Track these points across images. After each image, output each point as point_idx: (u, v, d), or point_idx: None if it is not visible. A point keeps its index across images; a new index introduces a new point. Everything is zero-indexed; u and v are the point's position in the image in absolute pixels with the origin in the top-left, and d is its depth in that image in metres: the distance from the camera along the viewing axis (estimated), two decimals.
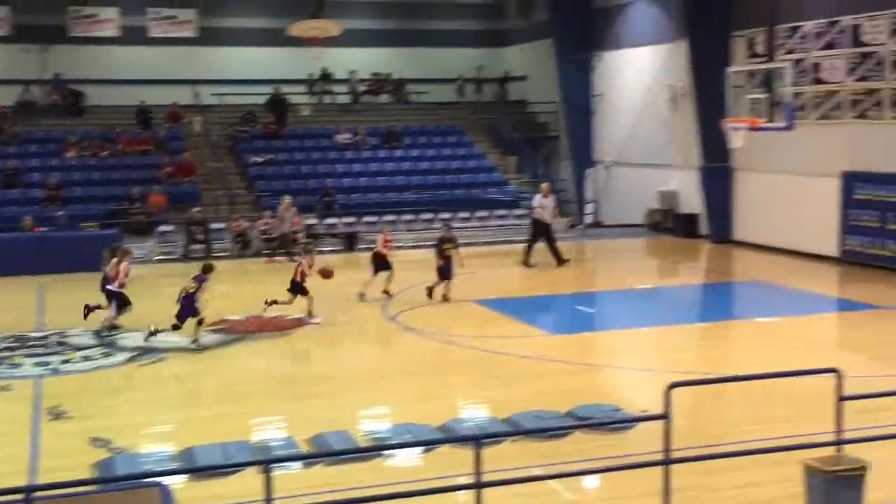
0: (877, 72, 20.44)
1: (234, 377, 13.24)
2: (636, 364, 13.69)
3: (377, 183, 28.83)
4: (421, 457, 9.76)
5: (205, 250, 24.38)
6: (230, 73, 33.12)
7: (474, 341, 14.92)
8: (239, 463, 9.20)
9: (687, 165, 26.25)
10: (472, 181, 29.46)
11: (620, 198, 29.41)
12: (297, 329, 16.02)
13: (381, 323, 16.36)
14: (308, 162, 29.58)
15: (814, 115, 22.10)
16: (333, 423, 10.80)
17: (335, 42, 30.69)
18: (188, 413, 11.64)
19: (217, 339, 15.30)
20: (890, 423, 9.75)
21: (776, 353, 13.86)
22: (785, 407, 11.03)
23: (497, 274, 22.03)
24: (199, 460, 9.63)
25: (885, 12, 20.09)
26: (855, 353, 14.21)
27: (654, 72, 27.66)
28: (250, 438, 10.44)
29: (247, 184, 28.64)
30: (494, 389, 12.37)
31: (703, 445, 9.29)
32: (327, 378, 13.23)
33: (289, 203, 24.51)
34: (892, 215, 20.09)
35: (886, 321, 16.16)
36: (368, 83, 33.89)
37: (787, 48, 22.52)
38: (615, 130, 29.97)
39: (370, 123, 31.63)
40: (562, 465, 9.16)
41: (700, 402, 11.26)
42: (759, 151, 23.54)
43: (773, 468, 8.72)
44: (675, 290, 20.36)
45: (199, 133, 30.40)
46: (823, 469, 7.01)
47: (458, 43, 35.94)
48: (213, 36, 32.39)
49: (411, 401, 11.96)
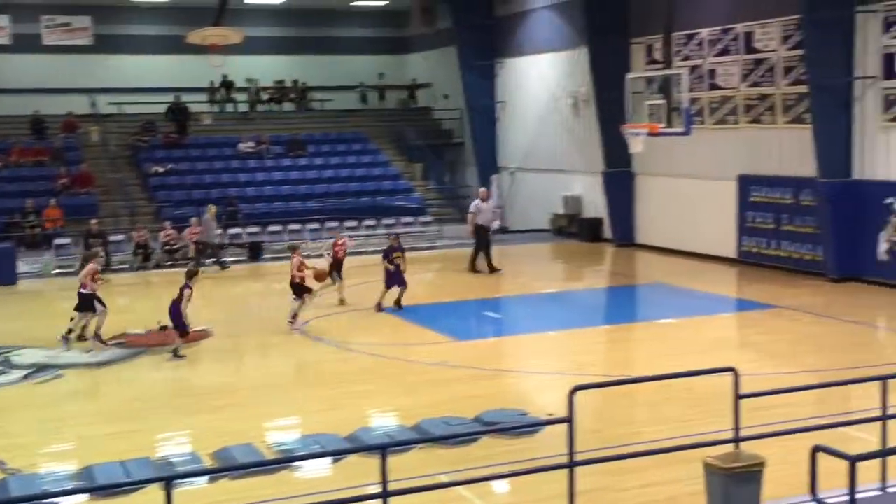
0: (769, 78, 21.07)
1: (134, 392, 12.93)
2: (542, 368, 13.81)
3: (281, 192, 28.54)
4: (329, 467, 9.67)
5: (104, 263, 23.77)
6: (128, 81, 32.44)
7: (382, 349, 14.87)
8: (140, 480, 8.95)
9: (590, 170, 26.66)
10: (378, 189, 29.39)
11: (526, 203, 29.70)
12: (200, 341, 15.73)
13: (288, 333, 16.18)
14: (211, 171, 29.12)
15: (710, 120, 22.68)
16: (239, 436, 10.63)
17: (237, 49, 30.30)
18: (87, 431, 11.30)
19: (117, 353, 14.93)
20: (785, 420, 10.05)
21: (678, 354, 14.15)
22: (686, 406, 11.26)
23: None
24: (99, 479, 9.37)
25: (775, 20, 20.73)
26: (752, 352, 14.59)
27: (557, 78, 28.03)
28: (152, 455, 10.20)
29: (147, 194, 28.05)
30: (402, 397, 12.34)
31: (607, 447, 9.42)
32: (232, 390, 13.01)
33: (215, 212, 24.26)
34: (786, 217, 20.73)
35: (781, 320, 16.64)
36: (271, 91, 33.56)
37: (684, 55, 23.06)
38: (519, 136, 30.27)
39: (273, 131, 31.31)
40: (470, 471, 9.17)
41: (604, 404, 11.41)
42: (658, 156, 24.05)
43: (676, 467, 8.89)
44: (580, 293, 20.63)
45: (97, 143, 29.66)
46: (722, 466, 7.15)
47: (362, 50, 35.87)
48: (110, 43, 31.66)
49: (318, 411, 11.85)
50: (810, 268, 20.12)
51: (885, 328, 16.07)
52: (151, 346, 15.37)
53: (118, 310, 19.90)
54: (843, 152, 19.23)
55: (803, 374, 12.74)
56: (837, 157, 19.22)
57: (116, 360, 14.59)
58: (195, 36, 28.39)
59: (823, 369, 12.86)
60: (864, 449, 7.87)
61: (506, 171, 30.83)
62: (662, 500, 8.58)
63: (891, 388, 8.33)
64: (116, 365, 14.36)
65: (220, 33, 28.44)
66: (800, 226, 20.41)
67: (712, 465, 7.22)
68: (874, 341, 15.29)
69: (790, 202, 20.62)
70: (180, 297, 14.65)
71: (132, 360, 14.64)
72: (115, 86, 32.08)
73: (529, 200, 29.56)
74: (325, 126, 32.85)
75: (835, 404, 11.09)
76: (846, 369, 12.53)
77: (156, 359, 14.74)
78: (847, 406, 11.17)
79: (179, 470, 9.50)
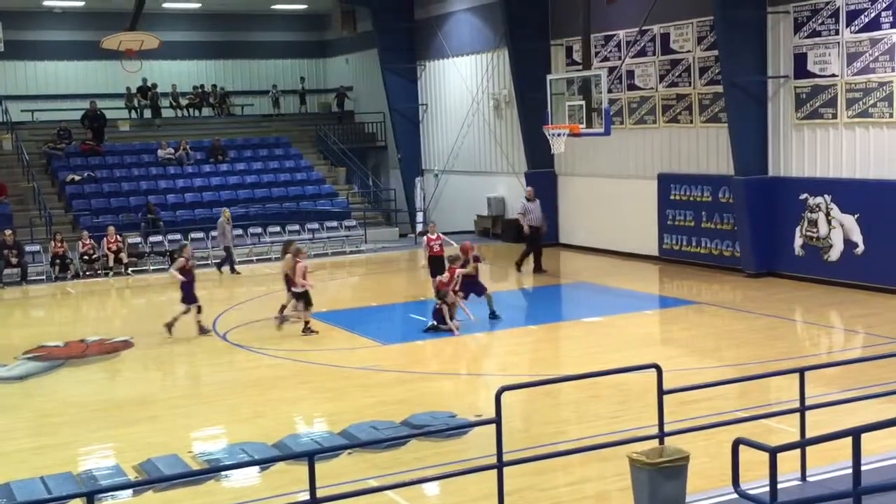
0: (685, 78, 21.46)
1: (54, 406, 12.61)
2: (469, 370, 13.84)
3: (203, 198, 28.12)
4: (257, 476, 9.55)
5: (20, 274, 23.22)
6: (41, 87, 31.70)
7: (307, 355, 14.75)
8: (61, 496, 8.71)
9: (513, 171, 26.84)
10: (301, 193, 29.18)
11: (450, 205, 29.77)
12: (120, 352, 15.43)
13: (210, 341, 15.95)
14: (129, 179, 28.53)
15: (630, 121, 23.01)
16: (163, 448, 10.45)
17: (154, 55, 29.80)
18: (4, 447, 10.97)
19: (35, 366, 14.55)
20: (709, 413, 10.24)
21: (603, 352, 14.32)
22: (612, 403, 11.39)
23: (328, 286, 21.86)
24: (18, 496, 9.11)
25: (690, 21, 21.12)
26: (674, 348, 14.82)
27: (478, 80, 28.16)
28: (74, 469, 9.96)
29: (64, 203, 27.41)
30: (329, 403, 12.26)
31: (535, 446, 9.49)
32: (155, 401, 12.76)
33: (229, 215, 24.03)
34: (704, 214, 21.13)
35: (703, 315, 16.96)
36: (190, 96, 33.08)
37: (603, 56, 23.36)
38: (442, 139, 30.34)
39: (193, 137, 30.85)
40: (399, 475, 9.14)
41: (531, 403, 11.48)
42: (580, 156, 24.34)
43: (603, 463, 8.98)
44: (505, 294, 20.70)
45: (9, 151, 28.89)
46: (647, 461, 7.24)
47: (282, 54, 35.63)
48: (21, 49, 30.84)
49: (244, 419, 11.70)
50: (729, 263, 20.54)
51: (802, 321, 16.47)
52: (71, 358, 15.02)
53: (35, 322, 19.45)
54: (758, 150, 19.67)
55: (725, 369, 13.01)
56: (753, 154, 19.66)
57: (35, 373, 14.21)
58: (110, 41, 27.83)
59: (744, 363, 13.12)
60: (785, 440, 8.06)
61: (430, 173, 30.87)
62: (591, 497, 8.66)
63: (809, 380, 8.54)
64: (35, 378, 13.99)
65: (135, 38, 27.93)
66: (718, 223, 20.82)
67: (638, 460, 7.31)
68: (792, 334, 15.65)
69: (709, 200, 21.02)
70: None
71: (50, 372, 14.28)
72: (28, 93, 31.30)
73: (454, 202, 29.64)
74: (245, 131, 32.50)
75: (756, 397, 11.33)
76: (766, 362, 12.81)
77: (75, 371, 14.41)
78: (768, 398, 11.43)
79: (102, 484, 9.29)
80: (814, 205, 18.76)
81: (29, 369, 14.38)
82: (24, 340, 16.45)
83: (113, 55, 28.82)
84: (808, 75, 18.71)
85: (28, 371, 14.28)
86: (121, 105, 31.82)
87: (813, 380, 9.27)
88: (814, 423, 8.43)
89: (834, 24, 18.09)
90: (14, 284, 22.91)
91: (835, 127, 18.36)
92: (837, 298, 17.46)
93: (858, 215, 17.99)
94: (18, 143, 28.74)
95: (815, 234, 18.79)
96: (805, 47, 18.70)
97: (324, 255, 26.06)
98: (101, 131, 29.63)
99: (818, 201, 18.67)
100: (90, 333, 16.86)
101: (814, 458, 8.21)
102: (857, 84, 17.79)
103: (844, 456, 7.18)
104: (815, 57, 18.51)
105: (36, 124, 30.46)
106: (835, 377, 11.59)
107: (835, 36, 18.11)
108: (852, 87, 17.88)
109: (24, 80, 31.58)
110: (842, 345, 15.16)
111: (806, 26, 18.64)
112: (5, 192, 26.51)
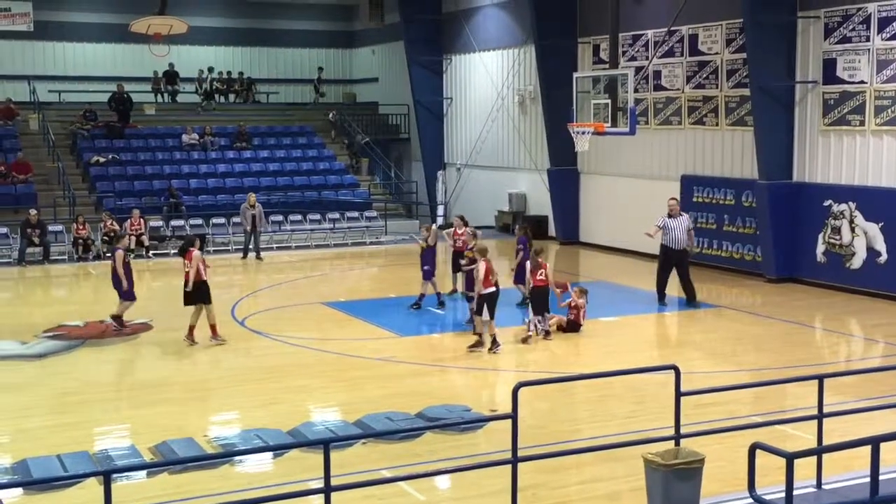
0: (712, 80, 21.35)
1: (72, 385, 12.70)
2: (486, 364, 13.84)
3: (225, 184, 28.22)
4: (271, 462, 9.59)
5: (42, 253, 23.38)
6: (69, 69, 31.89)
7: (324, 344, 14.79)
8: (76, 475, 8.80)
9: (535, 168, 26.79)
10: (323, 183, 29.23)
11: (471, 200, 29.74)
12: (140, 334, 15.52)
13: (230, 327, 16.01)
14: (153, 162, 28.68)
15: (655, 121, 22.92)
16: (179, 431, 10.51)
17: (182, 40, 29.95)
18: (22, 424, 11.07)
19: (55, 345, 14.66)
20: (725, 417, 10.21)
21: (620, 352, 14.29)
22: (629, 403, 11.36)
23: (347, 276, 21.92)
24: (35, 473, 9.18)
25: (719, 23, 21.01)
26: (692, 351, 14.76)
27: (504, 75, 28.12)
28: (90, 448, 10.03)
29: (88, 184, 27.58)
30: (345, 392, 12.29)
31: (549, 443, 9.49)
32: (172, 384, 12.83)
33: (254, 199, 24.08)
34: (727, 217, 21.02)
35: (722, 319, 16.88)
36: (217, 82, 33.18)
37: (630, 55, 23.27)
38: (466, 133, 30.31)
39: (218, 123, 30.95)
40: (413, 467, 9.17)
41: (548, 400, 11.47)
42: (603, 155, 24.27)
43: (616, 463, 8.96)
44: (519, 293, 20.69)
45: (36, 131, 29.08)
46: (662, 463, 7.23)
47: (309, 44, 35.69)
48: (51, 30, 31.06)
49: (260, 405, 11.74)
50: (750, 268, 20.43)
51: (822, 328, 16.38)
52: (91, 338, 15.13)
53: (56, 301, 19.59)
54: (783, 155, 19.55)
55: (743, 373, 12.96)
56: (778, 159, 19.54)
57: (54, 352, 14.32)
58: (138, 25, 27.96)
59: (762, 368, 13.06)
60: (801, 446, 8.03)
61: (452, 167, 30.86)
62: (604, 496, 8.64)
63: (827, 387, 8.49)
64: (54, 357, 14.10)
65: (164, 22, 28.05)
66: (741, 227, 20.71)
67: (652, 461, 7.30)
68: (811, 341, 15.57)
69: (732, 203, 20.91)
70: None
71: (70, 352, 14.39)
72: (56, 73, 31.48)
73: (475, 197, 29.61)
74: (270, 119, 32.58)
75: (773, 402, 11.28)
76: (784, 368, 12.74)
77: (94, 351, 14.51)
78: (785, 404, 11.37)
79: (118, 464, 9.36)
80: (838, 212, 18.64)
81: (48, 348, 14.49)
82: (45, 319, 16.57)
83: (141, 39, 28.97)
84: (836, 81, 18.57)
85: (47, 349, 14.39)
86: (147, 89, 31.99)
87: (830, 387, 9.23)
88: (828, 431, 8.39)
89: (865, 30, 17.95)
90: (36, 263, 23.08)
91: (862, 134, 18.23)
92: (858, 306, 17.34)
93: (883, 224, 17.85)
94: (45, 124, 28.94)
95: (839, 241, 18.67)
96: (835, 53, 18.57)
97: (343, 244, 26.11)
98: (126, 114, 29.79)
99: (842, 208, 18.55)
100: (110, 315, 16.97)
101: (829, 467, 8.17)
102: (887, 91, 17.64)
103: (859, 465, 7.15)
104: (845, 63, 18.38)
105: (62, 105, 30.64)
106: (852, 385, 11.53)
107: (865, 42, 17.97)
108: (881, 94, 17.74)
109: (52, 61, 31.77)
110: (861, 353, 15.06)
111: (836, 32, 18.50)
112: (30, 171, 26.70)
